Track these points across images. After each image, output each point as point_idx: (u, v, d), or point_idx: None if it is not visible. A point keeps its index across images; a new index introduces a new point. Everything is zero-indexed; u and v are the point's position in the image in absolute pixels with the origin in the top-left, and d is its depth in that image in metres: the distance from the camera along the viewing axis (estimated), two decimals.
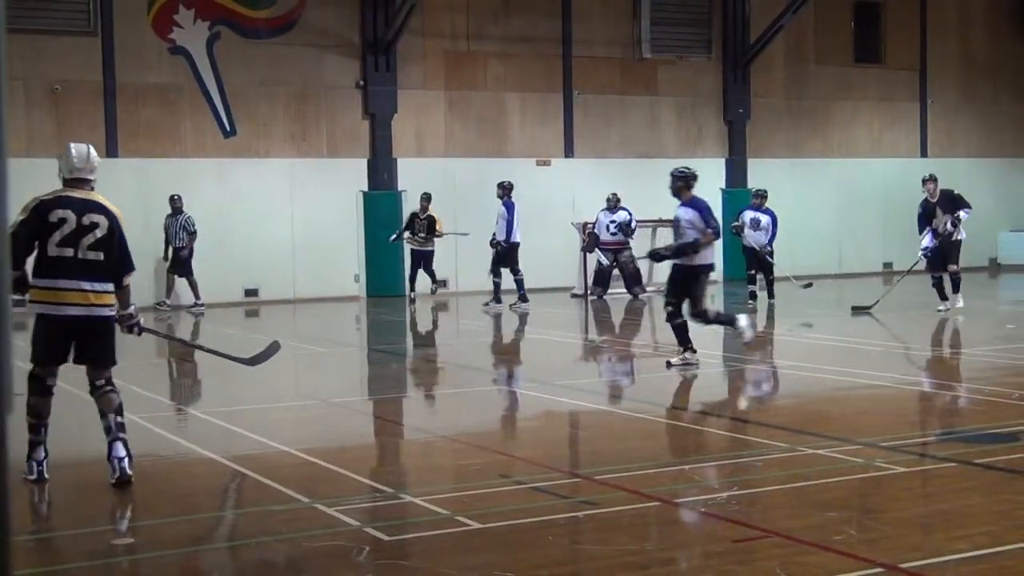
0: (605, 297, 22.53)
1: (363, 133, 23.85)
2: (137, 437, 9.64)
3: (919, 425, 10.16)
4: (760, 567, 5.74)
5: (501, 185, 20.97)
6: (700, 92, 26.80)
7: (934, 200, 18.06)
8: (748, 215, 20.08)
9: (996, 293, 20.10)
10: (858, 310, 18.44)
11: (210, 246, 22.23)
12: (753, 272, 20.15)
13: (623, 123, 26.03)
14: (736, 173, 27.02)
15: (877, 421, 9.88)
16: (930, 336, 16.65)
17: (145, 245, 21.68)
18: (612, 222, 22.58)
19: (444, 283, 23.35)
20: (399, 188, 23.86)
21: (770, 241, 19.87)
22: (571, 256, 23.48)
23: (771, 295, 19.94)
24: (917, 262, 18.48)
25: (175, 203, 21.44)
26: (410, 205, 23.64)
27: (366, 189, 23.73)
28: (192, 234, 21.37)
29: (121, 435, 7.72)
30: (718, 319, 13.29)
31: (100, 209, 7.67)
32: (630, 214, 22.61)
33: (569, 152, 25.50)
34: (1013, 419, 9.61)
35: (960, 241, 18.19)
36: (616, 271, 22.78)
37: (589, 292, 22.67)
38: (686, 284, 12.71)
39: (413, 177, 23.85)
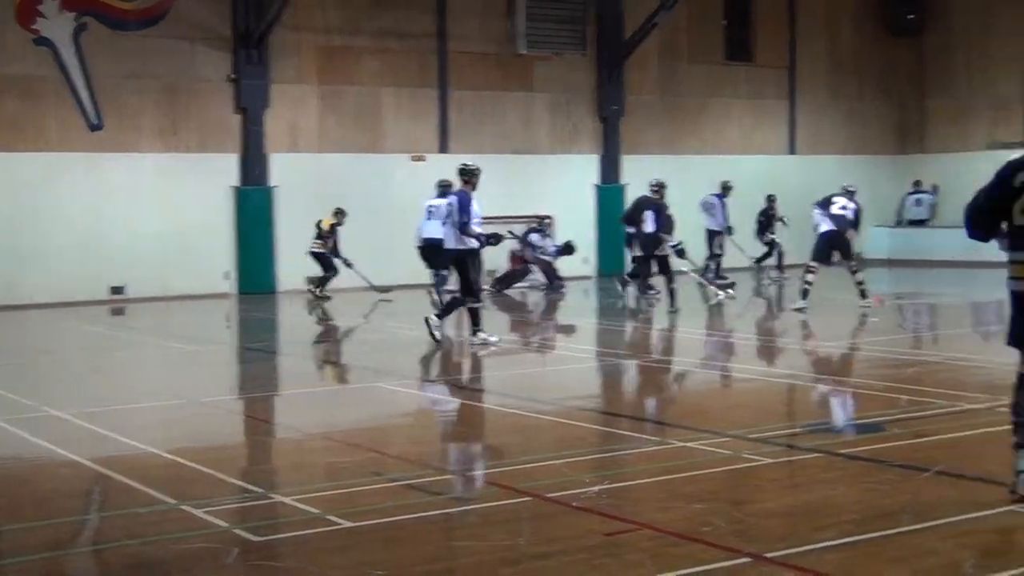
0: (507, 292, 22.89)
1: (234, 128, 23.50)
2: None
3: (786, 417, 10.35)
4: (630, 559, 5.78)
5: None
6: (575, 89, 26.95)
7: None
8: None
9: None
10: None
11: (76, 242, 21.76)
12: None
13: (498, 119, 26.06)
14: (610, 169, 27.24)
15: (746, 414, 10.04)
16: (798, 330, 16.98)
17: (5, 241, 21.25)
18: (556, 247, 23.46)
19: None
20: (272, 184, 23.59)
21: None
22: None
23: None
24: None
25: None
26: (283, 201, 23.42)
27: (238, 184, 23.40)
28: None
29: None
30: None
31: None
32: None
33: (444, 148, 25.43)
34: (877, 410, 9.85)
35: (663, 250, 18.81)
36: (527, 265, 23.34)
37: (492, 287, 22.70)
38: None
39: (286, 173, 23.61)
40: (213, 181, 23.11)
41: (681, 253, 19.52)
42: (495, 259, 22.68)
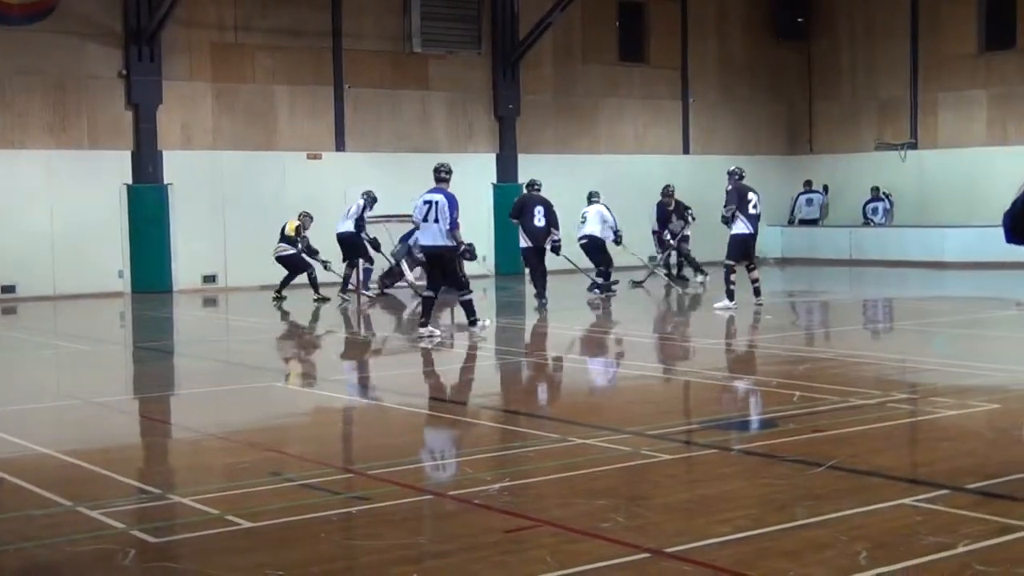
0: (387, 292, 22.50)
1: (126, 124, 23.14)
2: None
3: (683, 413, 10.47)
4: (531, 556, 5.82)
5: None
6: (470, 88, 26.98)
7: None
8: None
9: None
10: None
11: None
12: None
13: (394, 117, 25.99)
14: (506, 168, 27.31)
15: (644, 410, 10.15)
16: (695, 328, 17.21)
17: None
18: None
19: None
20: (165, 181, 23.27)
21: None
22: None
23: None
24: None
25: None
26: (177, 199, 23.14)
27: (130, 182, 23.04)
28: None
29: None
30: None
31: None
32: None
33: (340, 146, 25.31)
34: (771, 406, 10.03)
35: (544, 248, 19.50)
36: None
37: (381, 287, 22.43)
38: None
39: (180, 170, 23.30)
40: (105, 178, 22.73)
41: (557, 249, 19.92)
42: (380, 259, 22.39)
